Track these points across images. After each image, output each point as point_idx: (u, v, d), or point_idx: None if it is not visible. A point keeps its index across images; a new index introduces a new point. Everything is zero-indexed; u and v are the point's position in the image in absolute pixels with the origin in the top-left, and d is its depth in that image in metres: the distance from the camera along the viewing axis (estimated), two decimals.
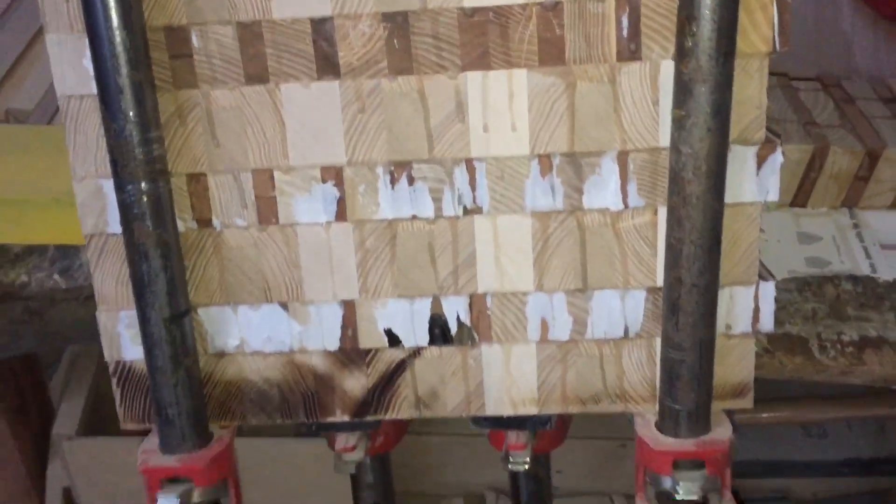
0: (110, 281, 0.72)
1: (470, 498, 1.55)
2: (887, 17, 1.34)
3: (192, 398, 0.72)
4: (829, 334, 0.91)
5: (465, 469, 1.53)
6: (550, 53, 0.66)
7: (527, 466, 0.80)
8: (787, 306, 0.93)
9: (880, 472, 1.58)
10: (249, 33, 0.66)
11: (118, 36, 0.62)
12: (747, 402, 0.74)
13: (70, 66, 0.67)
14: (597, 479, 1.54)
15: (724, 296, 0.70)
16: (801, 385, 1.60)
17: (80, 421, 1.28)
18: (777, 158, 0.67)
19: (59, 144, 0.87)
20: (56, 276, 0.89)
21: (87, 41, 0.64)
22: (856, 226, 0.95)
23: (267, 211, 0.70)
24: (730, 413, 0.74)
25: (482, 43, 0.66)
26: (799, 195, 0.96)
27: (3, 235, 0.87)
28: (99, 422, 1.32)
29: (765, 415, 1.52)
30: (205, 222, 0.71)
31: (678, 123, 0.63)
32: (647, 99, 0.66)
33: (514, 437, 0.80)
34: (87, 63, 0.65)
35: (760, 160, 0.67)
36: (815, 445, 1.60)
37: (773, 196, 0.68)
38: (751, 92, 0.66)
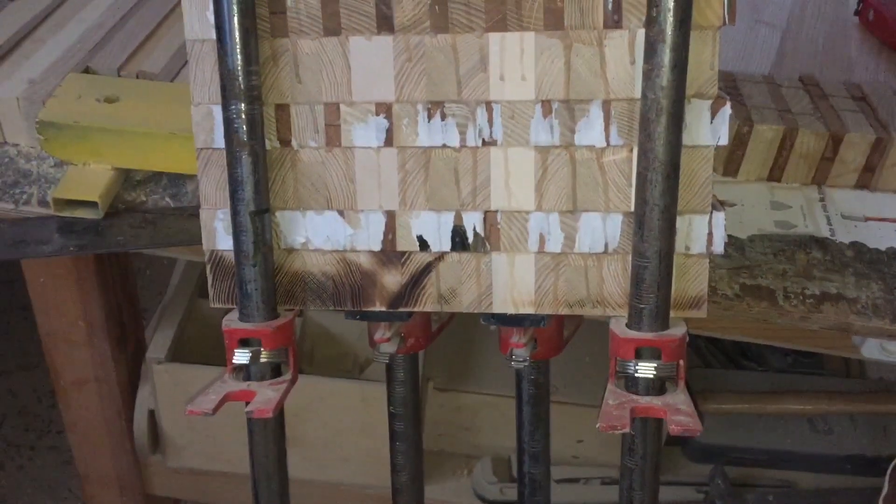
0: (212, 185, 0.94)
1: (498, 460, 1.71)
2: (890, 46, 1.51)
3: (266, 279, 0.93)
4: (795, 288, 1.07)
5: (494, 432, 1.69)
6: (553, 20, 0.86)
7: (526, 364, 0.98)
8: (761, 265, 1.10)
9: (882, 470, 1.69)
10: None
11: None
12: (702, 313, 0.91)
13: (197, 18, 0.90)
14: (617, 449, 1.70)
15: (683, 222, 0.88)
16: (809, 382, 1.74)
17: (168, 349, 1.51)
18: (726, 111, 0.86)
19: (177, 96, 1.12)
20: (167, 199, 1.12)
21: None
22: (822, 199, 1.12)
23: (333, 136, 0.92)
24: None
25: (501, 10, 0.87)
26: (773, 170, 1.13)
27: (129, 161, 1.10)
28: (184, 353, 1.55)
29: (770, 406, 1.65)
30: (286, 142, 0.93)
31: (646, 75, 0.83)
32: (626, 59, 0.86)
33: (515, 337, 0.98)
34: (210, 15, 0.89)
35: (713, 112, 0.86)
36: (821, 440, 1.72)
37: (724, 141, 0.87)
38: (705, 56, 0.85)
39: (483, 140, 0.90)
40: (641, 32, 0.85)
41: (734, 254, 1.11)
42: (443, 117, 0.90)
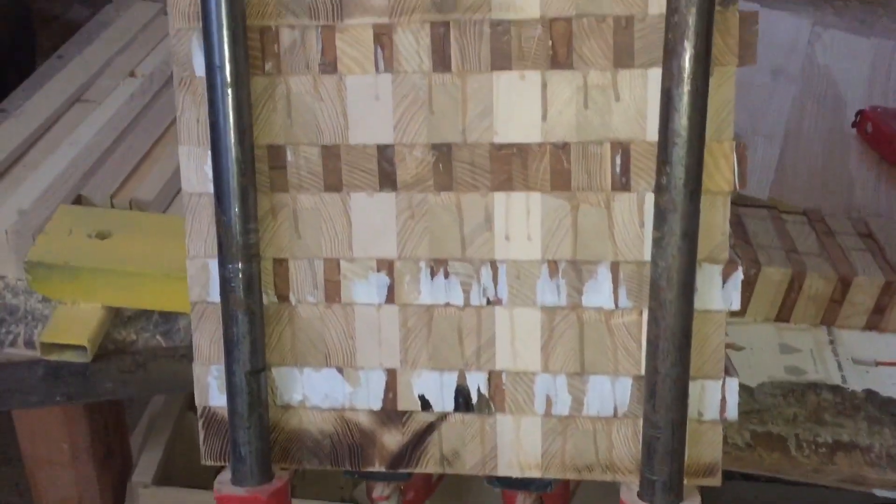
0: (206, 339, 0.91)
1: None
2: (890, 162, 1.50)
3: (261, 440, 0.89)
4: (807, 435, 1.04)
5: None
6: (560, 181, 0.84)
7: None
8: (771, 409, 1.07)
9: None
10: (330, 153, 0.86)
11: (233, 151, 0.83)
12: (716, 481, 0.87)
13: (194, 171, 0.88)
14: None
15: (696, 387, 0.85)
16: None
17: (155, 473, 1.46)
18: (738, 276, 0.83)
19: (171, 230, 1.09)
20: (158, 337, 1.08)
21: (209, 153, 0.85)
22: (832, 342, 1.09)
23: (332, 291, 0.89)
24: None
25: (507, 170, 0.85)
26: (782, 311, 1.11)
27: (120, 300, 1.07)
28: (172, 475, 1.49)
29: None
30: (284, 298, 0.90)
31: (656, 243, 0.80)
32: (634, 222, 0.84)
33: (521, 498, 0.94)
34: (208, 169, 0.86)
35: (725, 276, 0.84)
36: None
37: (736, 306, 0.84)
38: (717, 221, 0.83)
39: (488, 299, 0.87)
40: (650, 195, 0.83)
41: (743, 396, 1.07)
42: (446, 275, 0.87)
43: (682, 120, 0.77)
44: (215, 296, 0.89)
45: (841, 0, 2.30)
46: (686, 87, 0.77)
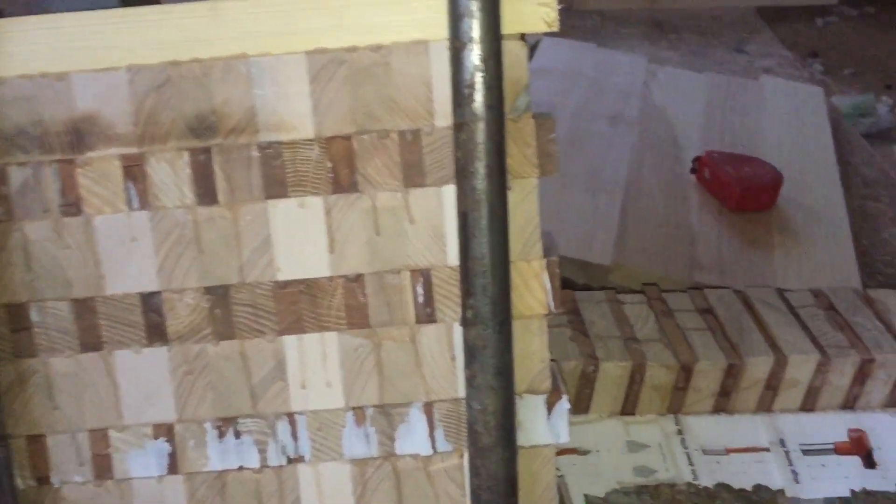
0: None
1: None
2: (729, 209, 1.47)
3: None
4: None
5: None
6: (357, 318, 0.74)
7: None
8: None
9: None
10: (84, 307, 0.73)
11: None
12: None
13: None
14: None
15: None
16: None
17: None
18: (563, 405, 0.75)
19: None
20: None
21: None
22: (680, 432, 1.03)
23: (103, 467, 0.75)
24: None
25: (296, 310, 0.73)
26: (626, 404, 1.04)
27: None
28: None
29: None
30: (44, 480, 0.75)
31: (469, 382, 0.71)
32: (444, 356, 0.74)
33: None
34: None
35: (550, 406, 0.75)
36: None
37: (564, 438, 0.76)
38: (534, 347, 0.74)
39: (288, 457, 0.75)
40: (459, 326, 0.73)
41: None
42: (237, 435, 0.75)
43: (481, 247, 0.68)
44: None
45: (675, 33, 2.33)
46: (483, 210, 0.68)
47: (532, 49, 1.93)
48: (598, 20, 2.31)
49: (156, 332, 0.73)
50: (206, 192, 0.72)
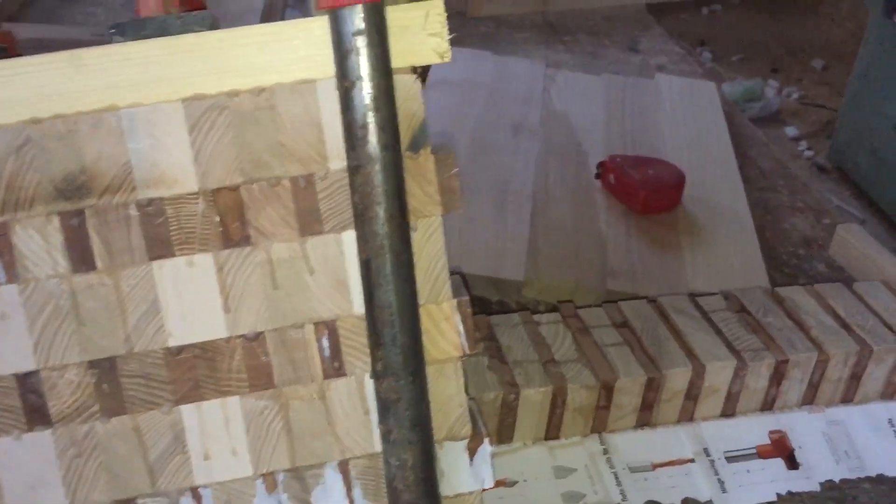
0: None
1: None
2: (636, 212, 1.47)
3: None
4: None
5: None
6: (260, 379, 0.69)
7: None
8: None
9: None
10: None
11: None
12: None
13: None
14: None
15: None
16: None
17: None
18: (486, 449, 0.72)
19: None
20: None
21: None
22: (605, 451, 1.01)
23: None
24: None
25: (192, 377, 0.68)
26: (550, 428, 1.02)
27: None
28: None
29: None
30: None
31: (384, 437, 0.67)
32: (357, 410, 0.70)
33: None
34: None
35: (471, 452, 0.72)
36: None
37: (489, 483, 0.72)
38: (451, 392, 0.71)
39: None
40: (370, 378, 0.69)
41: None
42: None
43: (388, 295, 0.64)
44: None
45: (569, 35, 2.33)
46: (387, 256, 0.64)
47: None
48: (492, 26, 2.29)
49: (37, 415, 0.67)
50: (81, 259, 0.65)
